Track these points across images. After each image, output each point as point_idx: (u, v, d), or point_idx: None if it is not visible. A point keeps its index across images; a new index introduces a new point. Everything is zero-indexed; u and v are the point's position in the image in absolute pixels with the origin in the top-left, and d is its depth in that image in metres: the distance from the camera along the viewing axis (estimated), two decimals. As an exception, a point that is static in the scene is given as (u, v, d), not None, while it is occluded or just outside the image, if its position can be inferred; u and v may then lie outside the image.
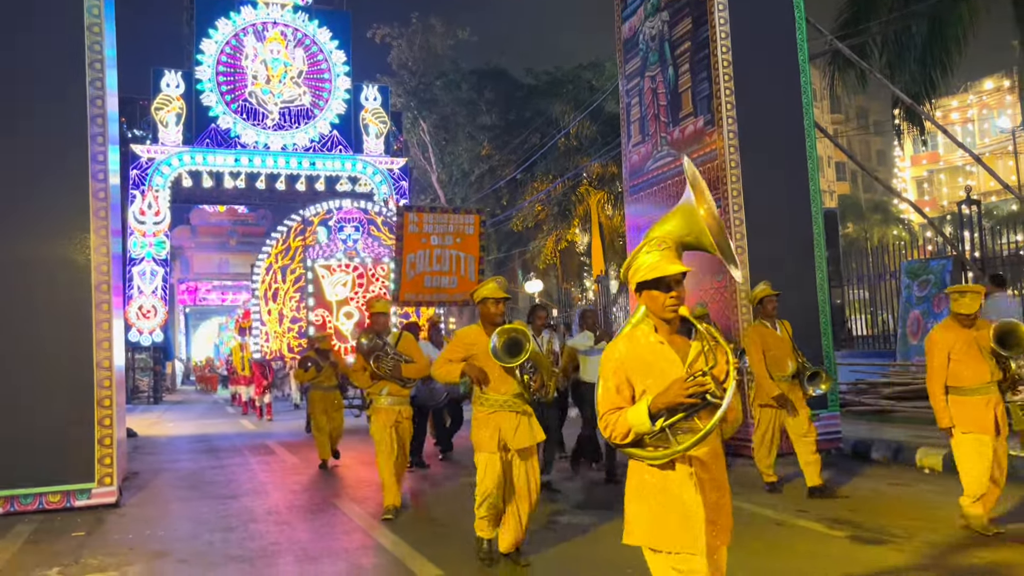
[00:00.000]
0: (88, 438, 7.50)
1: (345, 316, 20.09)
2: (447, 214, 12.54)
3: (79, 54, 7.83)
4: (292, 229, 20.60)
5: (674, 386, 2.71)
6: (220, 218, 44.92)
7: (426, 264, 12.24)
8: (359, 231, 20.81)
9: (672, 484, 2.83)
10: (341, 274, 20.34)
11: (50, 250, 7.67)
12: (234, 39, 25.75)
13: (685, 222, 2.99)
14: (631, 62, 12.31)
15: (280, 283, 20.01)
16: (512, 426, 5.12)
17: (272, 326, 19.79)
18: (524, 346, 4.92)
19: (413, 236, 12.13)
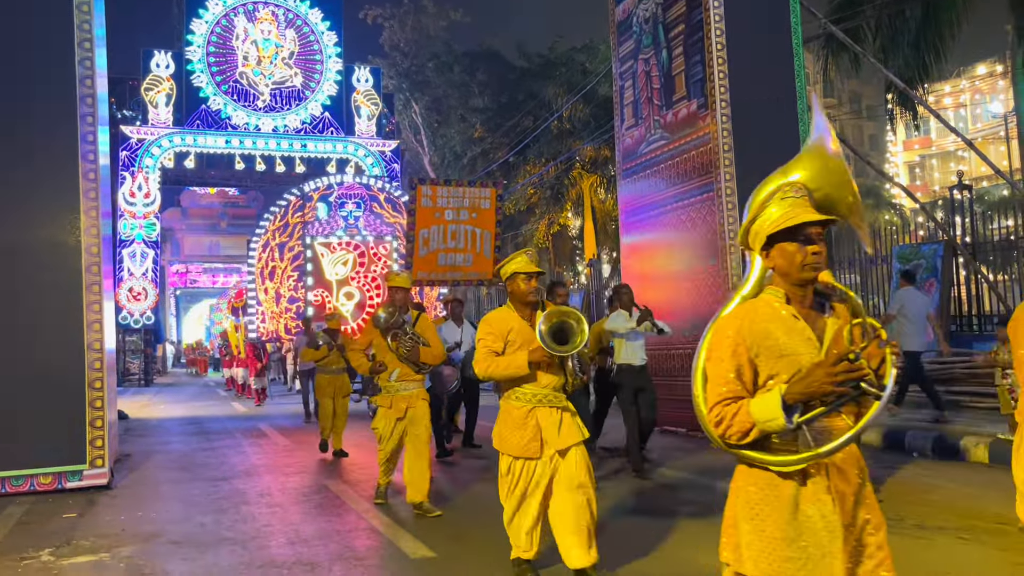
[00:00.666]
0: (79, 420, 7.49)
1: (345, 297, 18.89)
2: (462, 187, 11.92)
3: (68, 33, 7.74)
4: (291, 205, 19.40)
5: (817, 371, 2.14)
6: (211, 200, 44.67)
7: (440, 240, 11.57)
8: (360, 208, 19.66)
9: (805, 500, 2.21)
10: (342, 252, 19.09)
11: (40, 232, 7.62)
12: (224, 19, 25.53)
13: (819, 171, 2.35)
14: (625, 45, 12.26)
15: (277, 261, 18.87)
16: (554, 423, 4.40)
17: (269, 306, 18.85)
18: (576, 332, 4.23)
19: (426, 211, 11.47)
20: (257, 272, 18.69)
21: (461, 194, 11.75)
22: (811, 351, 2.23)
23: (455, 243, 11.64)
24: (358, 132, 26.72)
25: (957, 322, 12.63)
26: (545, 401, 4.42)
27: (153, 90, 24.90)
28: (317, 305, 18.23)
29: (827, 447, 2.16)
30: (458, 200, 11.65)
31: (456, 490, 7.45)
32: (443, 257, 11.66)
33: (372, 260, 19.14)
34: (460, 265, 11.81)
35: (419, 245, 11.48)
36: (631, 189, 12.16)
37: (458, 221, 11.59)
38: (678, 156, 10.83)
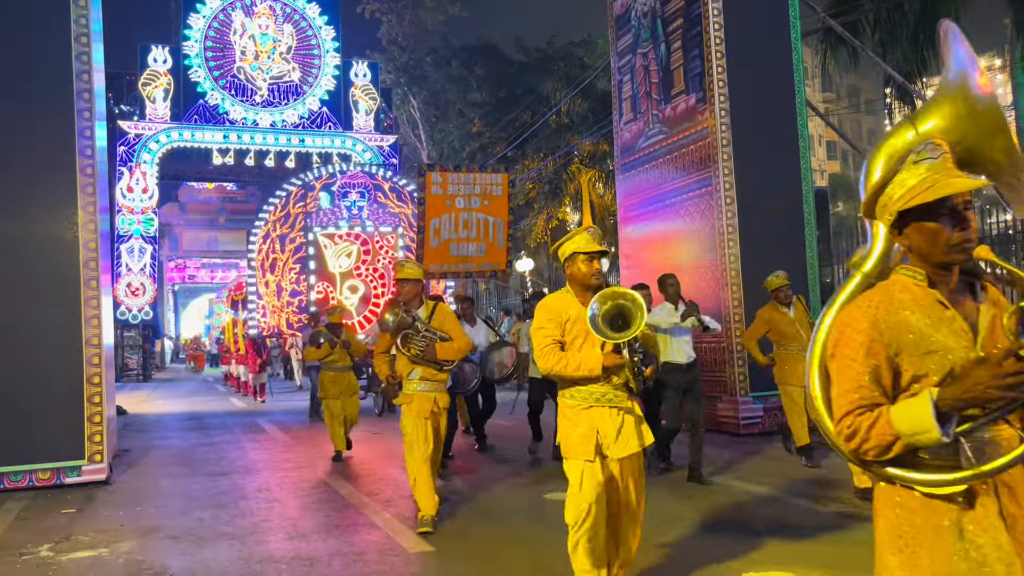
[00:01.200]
0: (78, 415, 7.49)
1: (350, 290, 18.00)
2: (473, 173, 11.25)
3: (65, 28, 7.72)
4: (292, 194, 18.28)
5: (978, 371, 1.72)
6: (209, 195, 44.60)
7: (451, 230, 10.95)
8: (364, 197, 18.72)
9: (970, 526, 1.80)
10: (345, 244, 18.13)
11: (37, 227, 7.60)
12: (222, 14, 25.45)
13: (962, 118, 1.87)
14: (623, 39, 12.24)
15: (279, 253, 17.85)
16: (614, 427, 3.86)
17: (270, 300, 17.88)
18: (634, 316, 3.66)
19: (436, 199, 10.83)
20: (257, 265, 17.74)
21: (472, 180, 11.16)
22: (964, 345, 1.84)
23: (467, 232, 11.07)
24: (356, 127, 26.67)
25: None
26: (605, 400, 3.87)
27: (150, 85, 24.84)
28: (320, 299, 17.36)
29: (995, 464, 1.75)
30: (468, 187, 11.09)
31: (457, 486, 7.45)
32: (455, 247, 11.08)
33: (377, 252, 18.29)
34: (473, 256, 11.23)
35: (430, 235, 10.89)
36: (629, 183, 12.15)
37: (469, 209, 11.02)
38: (676, 150, 10.82)
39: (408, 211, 18.05)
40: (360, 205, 18.57)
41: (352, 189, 18.53)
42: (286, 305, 17.64)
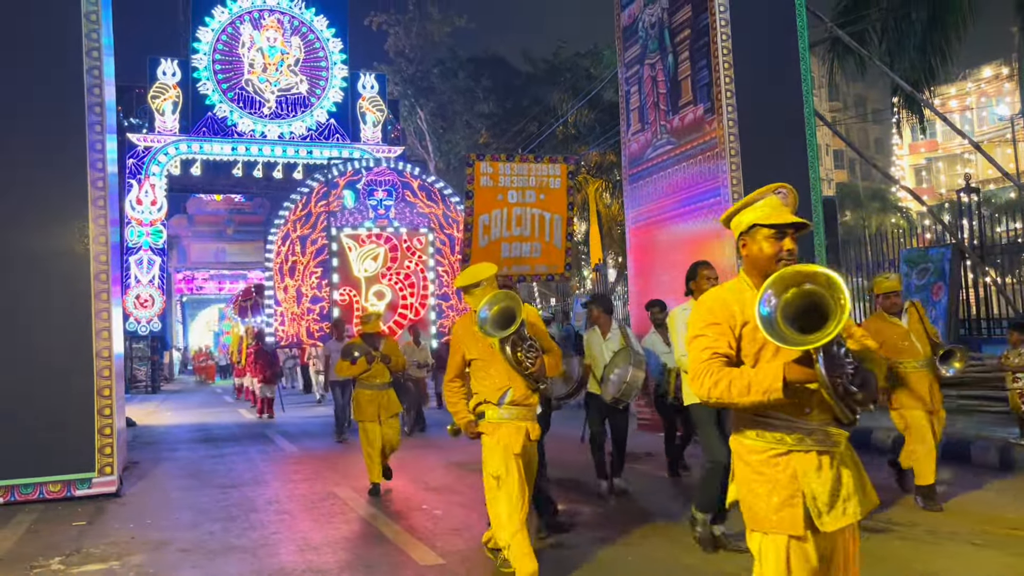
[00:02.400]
0: (88, 428, 7.51)
1: (375, 296, 16.45)
2: (527, 163, 10.09)
3: (76, 43, 7.78)
4: (314, 192, 16.69)
5: None
6: (217, 207, 44.75)
7: (503, 227, 9.78)
8: (392, 196, 17.18)
9: None
10: (371, 246, 16.57)
11: (49, 240, 7.64)
12: (230, 27, 25.60)
13: None
14: (630, 50, 12.26)
15: (299, 256, 16.24)
16: (826, 483, 2.65)
17: (289, 306, 16.26)
18: (831, 309, 2.40)
19: (486, 192, 9.68)
20: (276, 268, 16.12)
21: (526, 171, 9.98)
22: None
23: (520, 230, 9.92)
24: (363, 138, 26.75)
25: (966, 325, 12.57)
26: (810, 442, 2.67)
27: (160, 98, 24.98)
28: (344, 305, 15.97)
29: None
30: (523, 179, 9.94)
31: (469, 497, 7.43)
32: (507, 248, 9.92)
33: (405, 254, 16.70)
34: (527, 257, 10.04)
35: (478, 233, 9.72)
36: (638, 194, 12.15)
37: (523, 204, 9.86)
38: (685, 161, 10.82)
39: (439, 211, 17.02)
40: (387, 204, 17.05)
41: (378, 187, 17.04)
42: (306, 312, 16.04)
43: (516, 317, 4.42)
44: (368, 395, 7.92)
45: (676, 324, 5.65)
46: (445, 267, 15.90)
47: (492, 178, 9.75)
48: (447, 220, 17.06)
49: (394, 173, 17.19)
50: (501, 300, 4.49)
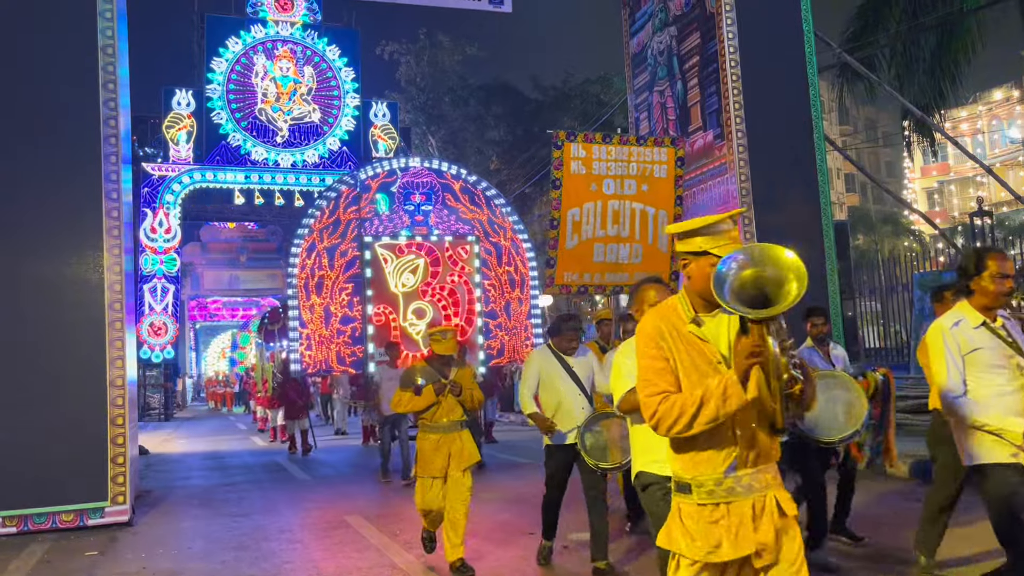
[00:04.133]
0: (101, 456, 7.52)
1: (415, 314, 13.89)
2: (628, 146, 8.32)
3: (92, 74, 7.90)
4: (342, 196, 14.38)
5: None
6: (230, 235, 45.03)
7: (596, 225, 8.08)
8: (430, 200, 14.94)
9: None
10: (410, 257, 14.09)
11: (64, 269, 7.71)
12: (244, 57, 25.91)
13: None
14: (640, 77, 12.34)
15: (326, 269, 13.83)
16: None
17: (316, 328, 13.85)
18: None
19: (578, 181, 7.99)
20: (300, 284, 13.80)
21: (626, 155, 8.26)
22: None
23: (618, 229, 8.20)
24: (375, 166, 26.92)
25: (981, 349, 12.46)
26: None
27: (174, 127, 25.25)
28: (379, 325, 13.58)
29: None
30: (622, 165, 8.24)
31: (486, 528, 7.38)
32: (600, 250, 8.18)
33: (448, 266, 14.20)
34: (625, 263, 8.29)
35: (566, 231, 8.04)
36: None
37: (622, 196, 8.17)
38: (695, 186, 10.84)
39: (483, 216, 14.71)
40: (425, 210, 14.70)
41: (415, 190, 14.76)
42: (336, 334, 13.66)
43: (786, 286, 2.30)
44: (434, 440, 5.85)
45: None
46: (492, 280, 13.80)
47: (584, 164, 8.00)
48: (493, 227, 14.76)
49: (433, 174, 14.82)
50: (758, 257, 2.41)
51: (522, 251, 13.61)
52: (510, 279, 13.58)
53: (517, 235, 13.74)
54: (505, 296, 13.46)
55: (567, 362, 5.64)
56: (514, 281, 13.46)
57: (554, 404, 5.63)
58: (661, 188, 8.43)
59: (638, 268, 8.25)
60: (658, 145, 8.49)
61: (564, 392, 5.58)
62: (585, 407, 5.54)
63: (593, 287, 8.70)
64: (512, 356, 13.44)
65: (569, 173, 8.03)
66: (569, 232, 8.11)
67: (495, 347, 13.73)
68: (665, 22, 11.51)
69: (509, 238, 13.67)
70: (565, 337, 5.66)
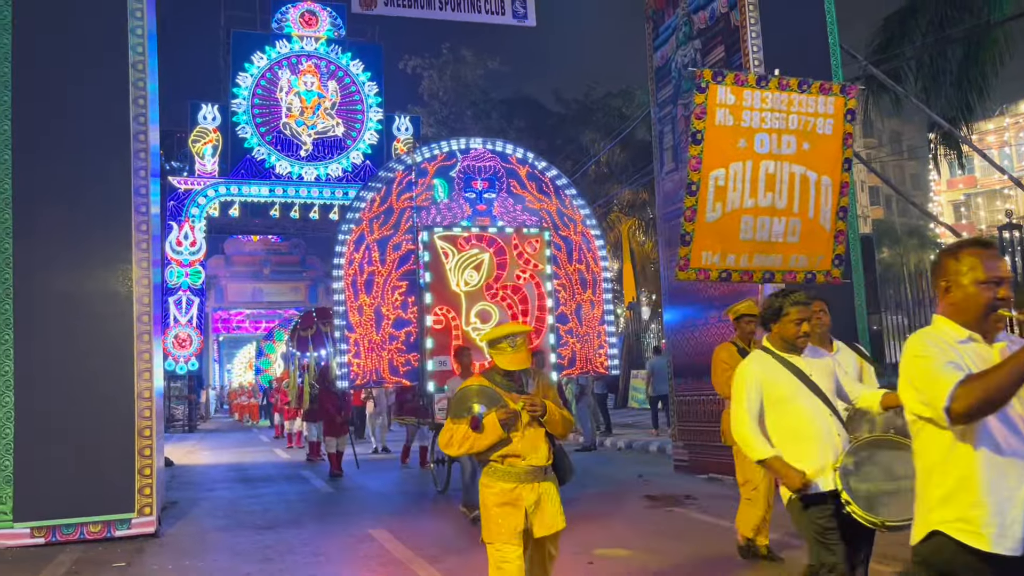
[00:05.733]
0: (128, 468, 7.57)
1: (478, 317, 11.81)
2: (788, 92, 6.66)
3: (123, 90, 8.00)
4: (395, 182, 12.26)
5: None
6: (254, 247, 45.47)
7: (745, 191, 6.36)
8: (494, 187, 12.87)
9: None
10: (473, 251, 12.07)
11: (93, 282, 7.80)
12: (269, 72, 26.21)
13: None
14: (663, 90, 12.33)
15: (377, 265, 11.83)
16: None
17: (365, 332, 11.69)
18: None
19: (723, 134, 6.40)
20: (348, 282, 11.73)
21: (785, 104, 6.64)
22: None
23: (771, 197, 6.48)
24: (398, 179, 27.05)
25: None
26: None
27: (200, 142, 25.55)
28: (439, 330, 11.56)
29: None
30: (779, 117, 6.60)
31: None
32: (749, 224, 6.45)
33: (515, 262, 12.13)
34: (779, 241, 6.61)
35: (707, 198, 6.32)
36: (673, 233, 12.11)
37: (778, 156, 6.51)
38: (719, 199, 10.79)
39: (552, 206, 12.75)
40: (488, 197, 12.73)
41: (477, 175, 12.78)
42: (387, 340, 11.68)
43: None
44: (506, 492, 4.01)
45: None
46: (562, 279, 12.21)
47: (733, 112, 6.44)
48: (562, 219, 12.80)
49: (496, 157, 12.92)
50: None
51: (594, 247, 12.43)
52: (581, 278, 12.29)
53: (588, 229, 12.55)
54: (576, 298, 12.18)
55: (798, 367, 3.86)
56: (585, 281, 12.24)
57: (790, 436, 3.80)
58: (826, 147, 6.67)
59: (795, 249, 6.68)
60: (824, 93, 6.73)
61: (808, 415, 3.78)
62: (840, 433, 3.79)
63: (738, 272, 6.66)
64: (584, 367, 12.29)
65: (713, 124, 6.36)
66: (711, 200, 6.29)
67: (566, 356, 12.05)
68: (689, 35, 11.50)
69: (580, 232, 12.43)
70: (791, 320, 3.88)
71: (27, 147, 7.68)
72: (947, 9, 14.16)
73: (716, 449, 10.65)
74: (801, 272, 6.87)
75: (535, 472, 4.02)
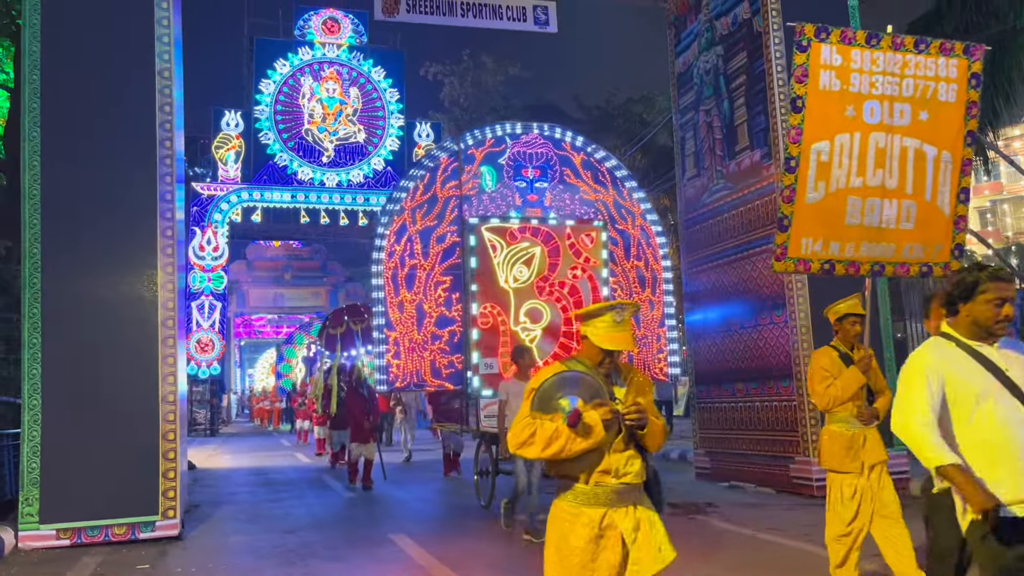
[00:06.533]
0: (153, 471, 7.64)
1: (528, 317, 10.88)
2: (903, 53, 5.66)
3: (149, 97, 8.10)
4: (439, 169, 11.29)
5: None
6: (275, 253, 45.81)
7: (852, 168, 5.59)
8: (546, 175, 11.79)
9: None
10: (524, 244, 11.10)
11: (119, 286, 7.89)
12: (291, 79, 26.40)
13: None
14: (685, 96, 12.30)
15: (419, 258, 10.98)
16: None
17: (406, 331, 10.77)
18: None
19: (828, 100, 5.57)
20: (387, 276, 10.82)
21: (899, 67, 5.65)
22: None
23: (882, 175, 5.64)
24: (419, 185, 27.14)
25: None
26: None
27: (223, 148, 25.77)
28: (486, 329, 10.64)
29: None
30: (892, 81, 5.65)
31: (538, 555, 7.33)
32: (856, 207, 5.61)
33: (569, 258, 11.19)
34: (890, 228, 5.71)
35: (807, 176, 5.53)
36: (694, 239, 12.08)
37: (891, 127, 5.63)
38: (742, 206, 10.75)
39: (608, 198, 11.72)
40: (540, 187, 11.69)
41: (528, 163, 11.76)
42: (430, 339, 10.82)
43: None
44: (595, 523, 3.14)
45: None
46: (618, 277, 11.26)
47: (840, 76, 5.57)
48: (620, 211, 11.71)
49: (549, 143, 11.87)
50: None
51: (654, 242, 11.57)
52: (639, 276, 11.39)
53: (649, 223, 11.64)
54: (634, 298, 11.04)
55: (992, 360, 3.06)
56: (644, 279, 11.37)
57: (978, 446, 3.01)
58: (947, 117, 5.68)
59: (910, 237, 5.73)
60: (944, 54, 5.68)
61: (1003, 421, 2.97)
62: None
63: (843, 263, 5.75)
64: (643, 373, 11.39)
65: (816, 89, 5.49)
66: (812, 178, 5.45)
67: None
68: (712, 41, 11.47)
69: (638, 225, 11.53)
70: (989, 300, 3.06)
71: (56, 154, 7.80)
72: (973, 15, 14.01)
73: (738, 457, 10.60)
74: (916, 264, 5.86)
75: (630, 492, 3.13)
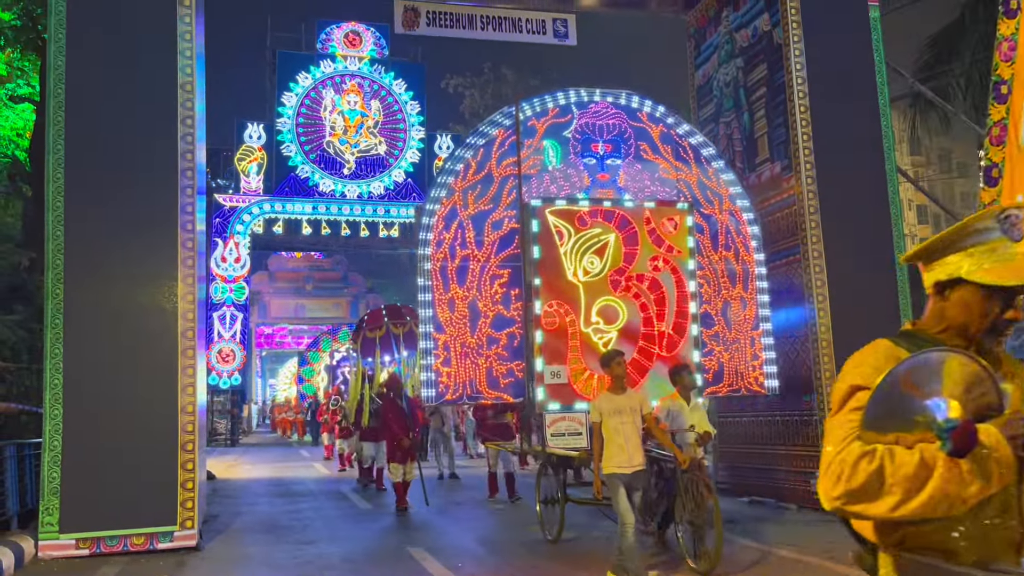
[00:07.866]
0: (171, 481, 7.68)
1: (601, 316, 8.91)
2: None
3: (171, 111, 8.19)
4: (495, 142, 9.39)
5: None
6: (297, 264, 46.07)
7: None
8: (619, 151, 9.76)
9: None
10: (595, 230, 9.09)
11: (140, 298, 7.95)
12: (313, 91, 26.64)
13: None
14: (705, 108, 12.27)
15: (473, 247, 9.07)
16: None
17: (457, 333, 8.87)
18: None
19: None
20: (434, 269, 8.95)
21: None
22: None
23: None
24: (439, 197, 27.19)
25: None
26: None
27: (245, 160, 26.02)
28: (551, 330, 8.74)
29: None
30: None
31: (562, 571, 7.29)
32: None
33: (649, 246, 9.18)
34: None
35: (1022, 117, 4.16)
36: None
37: None
38: (763, 218, 10.68)
39: (692, 177, 9.85)
40: (612, 164, 9.76)
41: (598, 136, 9.75)
42: (485, 343, 8.94)
43: None
44: None
45: None
46: (705, 270, 9.54)
47: None
48: (705, 193, 9.84)
49: (622, 113, 9.88)
50: None
51: (745, 231, 9.74)
52: (728, 270, 9.63)
53: (739, 209, 9.80)
54: (722, 294, 9.54)
55: None
56: (734, 273, 9.61)
57: None
58: None
59: None
60: None
61: None
62: None
63: None
64: (733, 383, 9.43)
65: None
66: None
67: (711, 368, 9.33)
68: (731, 54, 11.44)
69: (726, 210, 9.75)
70: None
71: (78, 163, 7.89)
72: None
73: (758, 472, 10.49)
74: None
75: None
